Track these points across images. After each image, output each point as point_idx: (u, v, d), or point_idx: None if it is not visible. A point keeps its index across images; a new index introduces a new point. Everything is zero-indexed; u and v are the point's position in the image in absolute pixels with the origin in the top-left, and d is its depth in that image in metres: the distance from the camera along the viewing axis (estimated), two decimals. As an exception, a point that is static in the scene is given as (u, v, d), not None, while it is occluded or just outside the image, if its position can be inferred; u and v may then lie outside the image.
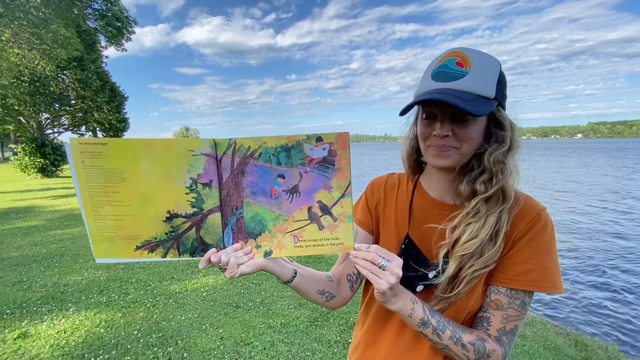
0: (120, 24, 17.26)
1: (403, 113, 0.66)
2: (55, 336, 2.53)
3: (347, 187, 0.64)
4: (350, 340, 2.57)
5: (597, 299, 4.16)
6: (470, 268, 0.64)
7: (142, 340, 2.51)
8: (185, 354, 2.35)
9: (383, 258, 0.59)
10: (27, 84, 13.74)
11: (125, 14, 17.49)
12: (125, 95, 21.22)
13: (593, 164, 26.95)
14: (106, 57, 20.26)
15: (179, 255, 0.66)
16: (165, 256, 0.66)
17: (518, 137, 0.66)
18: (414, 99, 0.66)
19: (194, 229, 0.66)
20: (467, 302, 0.67)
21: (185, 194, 0.64)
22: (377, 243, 0.81)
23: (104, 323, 2.73)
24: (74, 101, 17.82)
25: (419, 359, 0.72)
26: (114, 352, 2.35)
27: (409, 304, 0.63)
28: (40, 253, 4.47)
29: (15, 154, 15.51)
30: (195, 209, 0.65)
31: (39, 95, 14.32)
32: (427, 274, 0.69)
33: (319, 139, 0.63)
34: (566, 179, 16.52)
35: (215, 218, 0.66)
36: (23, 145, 14.45)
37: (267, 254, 0.67)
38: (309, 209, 0.65)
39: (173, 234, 0.66)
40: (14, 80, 12.81)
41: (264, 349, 2.43)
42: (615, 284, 4.58)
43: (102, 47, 19.08)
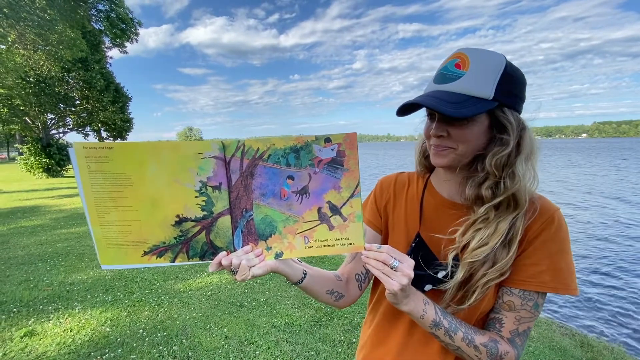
0: (124, 25, 17.37)
1: (398, 114, 0.67)
2: (61, 334, 2.55)
3: (356, 187, 0.64)
4: (354, 340, 2.57)
5: (604, 300, 4.12)
6: (483, 278, 0.63)
7: (148, 338, 2.52)
8: (190, 353, 2.36)
9: (395, 259, 0.58)
10: (33, 85, 13.86)
11: (130, 15, 17.60)
12: (129, 96, 21.35)
13: (597, 165, 26.69)
14: (110, 58, 20.43)
15: (188, 259, 0.66)
16: (174, 261, 0.65)
17: (529, 140, 0.63)
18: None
19: (204, 232, 0.65)
20: (480, 304, 0.67)
21: (195, 197, 0.63)
22: (386, 242, 0.80)
23: (109, 321, 2.75)
24: (78, 102, 17.96)
25: (429, 359, 0.71)
26: (119, 351, 2.37)
27: (421, 305, 0.63)
28: (46, 252, 4.51)
29: (21, 154, 15.66)
30: (205, 212, 0.64)
31: (44, 96, 14.44)
32: (437, 274, 0.69)
33: (328, 140, 0.63)
34: (577, 177, 16.41)
35: (225, 221, 0.65)
36: (29, 145, 14.58)
37: (278, 256, 0.67)
38: (319, 209, 0.65)
39: (182, 238, 0.64)
40: (20, 81, 12.93)
41: (268, 348, 2.44)
42: (621, 285, 4.54)
43: (107, 48, 19.22)
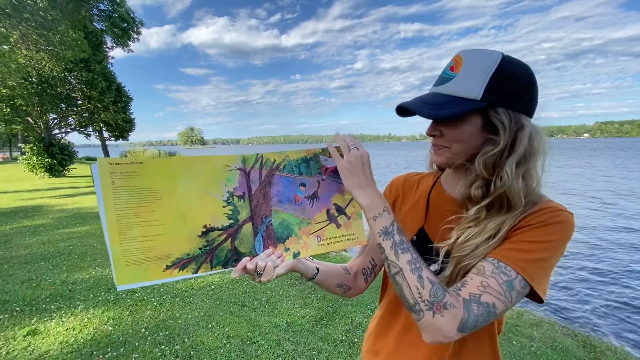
0: (126, 24, 17.42)
1: (398, 114, 0.70)
2: (64, 333, 2.56)
3: None
4: (355, 339, 2.57)
5: (606, 299, 4.11)
6: (462, 264, 0.63)
7: (150, 337, 2.53)
8: (192, 352, 2.37)
9: (355, 143, 0.69)
10: (35, 85, 13.90)
11: (132, 15, 17.65)
12: (131, 96, 21.41)
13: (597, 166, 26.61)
14: (112, 58, 20.49)
15: (211, 268, 0.67)
16: (196, 272, 0.66)
17: (528, 141, 0.61)
18: None
19: (229, 240, 0.68)
20: None
21: (223, 207, 0.67)
22: None
23: (111, 321, 2.76)
24: (80, 102, 18.01)
25: (424, 352, 0.72)
26: (122, 350, 2.37)
27: (379, 208, 0.65)
28: (48, 251, 4.52)
29: (23, 154, 15.71)
30: (231, 221, 0.68)
31: (46, 96, 14.47)
32: (429, 266, 0.70)
33: (336, 150, 0.71)
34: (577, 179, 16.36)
35: (248, 228, 0.70)
36: (31, 145, 14.61)
37: (296, 255, 0.73)
38: (327, 211, 0.74)
39: (207, 247, 0.66)
40: (22, 81, 12.97)
41: (270, 347, 2.44)
42: (624, 285, 4.52)
43: (108, 48, 19.28)
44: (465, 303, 0.56)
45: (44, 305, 2.99)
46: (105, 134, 23.54)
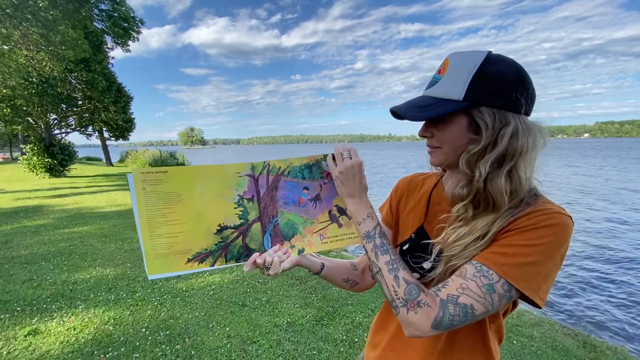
0: (127, 24, 17.42)
1: (394, 117, 0.71)
2: (65, 333, 2.57)
3: None
4: (356, 339, 2.58)
5: (606, 299, 4.11)
6: (451, 263, 0.63)
7: (150, 337, 2.53)
8: (192, 352, 2.37)
9: (348, 151, 0.75)
10: (35, 85, 13.90)
11: (132, 15, 17.65)
12: (131, 96, 21.42)
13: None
14: (112, 58, 20.50)
15: (226, 262, 0.76)
16: (213, 265, 0.75)
17: (511, 140, 0.59)
18: None
19: (241, 237, 0.77)
20: None
21: (234, 208, 0.76)
22: (396, 236, 0.86)
23: (112, 320, 2.77)
24: (80, 102, 18.02)
25: (419, 344, 0.74)
26: (122, 349, 2.38)
27: (363, 215, 0.72)
28: (49, 251, 4.53)
29: (24, 154, 15.72)
30: (242, 220, 0.76)
31: (46, 96, 14.47)
32: (421, 263, 0.71)
33: (333, 158, 0.78)
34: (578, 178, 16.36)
35: (257, 226, 0.78)
36: (31, 145, 14.61)
37: (301, 252, 0.81)
38: (329, 212, 0.81)
39: (222, 243, 0.75)
40: (23, 81, 12.97)
41: (271, 347, 2.45)
42: (626, 284, 4.52)
43: (109, 48, 19.28)
44: (441, 303, 0.59)
45: (44, 305, 3.00)
46: (106, 134, 23.55)
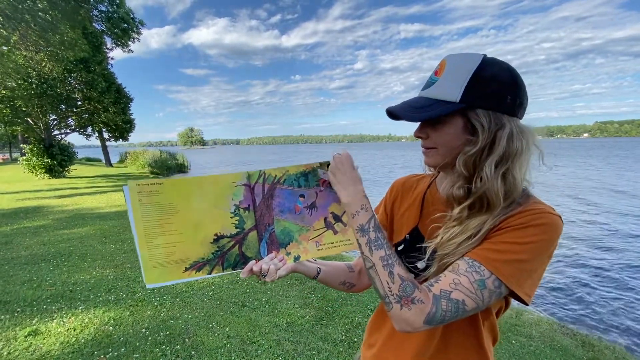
0: (126, 25, 17.40)
1: (390, 118, 0.72)
2: (65, 333, 2.57)
3: None
4: (355, 339, 2.59)
5: (605, 299, 4.12)
6: (444, 261, 0.64)
7: (150, 338, 2.54)
8: (192, 352, 2.38)
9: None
10: (35, 86, 13.89)
11: (132, 16, 17.64)
12: (131, 97, 21.41)
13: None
14: (112, 59, 20.48)
15: (223, 270, 0.76)
16: (210, 273, 0.75)
17: (507, 141, 0.61)
18: None
19: (237, 246, 0.77)
20: None
21: (230, 217, 0.76)
22: (391, 237, 0.86)
23: (112, 321, 2.77)
24: (80, 102, 18.01)
25: (414, 344, 0.74)
26: (122, 350, 2.38)
27: (357, 207, 0.69)
28: (49, 252, 4.53)
29: (24, 155, 15.71)
30: (238, 229, 0.77)
31: (46, 97, 14.46)
32: (415, 263, 0.72)
33: (328, 165, 0.77)
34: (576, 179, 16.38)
35: (253, 235, 0.78)
36: (31, 146, 14.61)
37: (297, 259, 0.81)
38: (325, 219, 0.81)
39: (219, 252, 0.75)
40: (22, 82, 12.97)
41: (270, 347, 2.45)
42: (623, 284, 4.53)
43: (108, 49, 19.27)
44: (434, 298, 0.59)
45: (44, 306, 3.00)
46: (105, 135, 23.54)
